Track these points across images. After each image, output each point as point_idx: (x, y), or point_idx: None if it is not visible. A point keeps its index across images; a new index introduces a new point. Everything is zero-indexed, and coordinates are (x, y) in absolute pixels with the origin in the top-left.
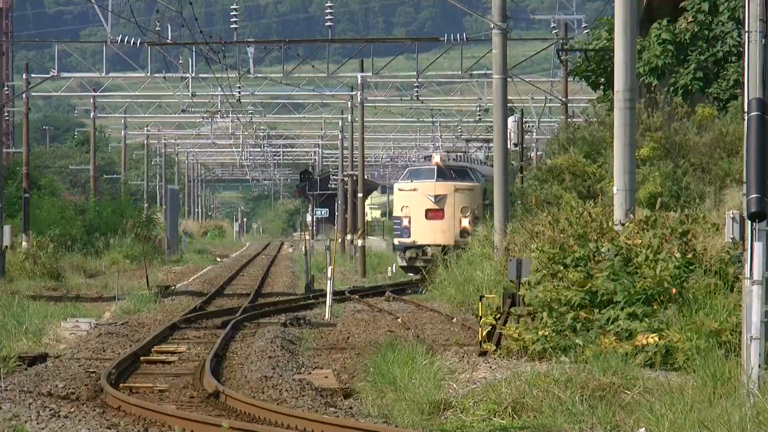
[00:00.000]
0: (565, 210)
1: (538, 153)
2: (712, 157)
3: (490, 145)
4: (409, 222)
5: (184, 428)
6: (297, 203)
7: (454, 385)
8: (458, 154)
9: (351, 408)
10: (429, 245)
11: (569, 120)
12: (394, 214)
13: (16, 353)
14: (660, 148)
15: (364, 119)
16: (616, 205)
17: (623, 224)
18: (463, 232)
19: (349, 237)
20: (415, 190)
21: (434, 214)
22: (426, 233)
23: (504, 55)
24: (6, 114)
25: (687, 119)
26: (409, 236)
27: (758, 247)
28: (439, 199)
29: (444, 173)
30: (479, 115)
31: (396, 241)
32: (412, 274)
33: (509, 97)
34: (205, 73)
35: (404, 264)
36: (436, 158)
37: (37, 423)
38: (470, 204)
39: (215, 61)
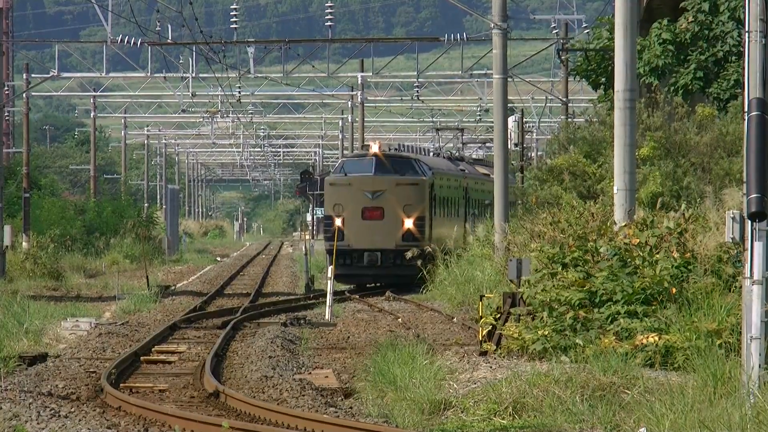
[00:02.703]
0: (565, 210)
1: (539, 153)
2: (713, 157)
3: (489, 145)
4: (343, 222)
5: (184, 428)
6: (297, 203)
7: (455, 385)
8: (402, 143)
9: (351, 408)
10: (366, 250)
11: (569, 120)
12: (324, 213)
13: (17, 353)
14: (660, 148)
15: (365, 119)
16: (616, 205)
17: (623, 225)
18: (407, 235)
19: None
20: (349, 184)
21: (372, 213)
22: (362, 236)
23: (504, 55)
24: (6, 114)
25: (687, 119)
26: (342, 239)
27: (758, 246)
28: (378, 195)
29: (383, 165)
30: (479, 115)
31: (327, 245)
32: (347, 285)
33: (509, 97)
34: (206, 73)
35: (337, 272)
36: (374, 148)
37: (37, 423)
38: (415, 201)
39: (215, 61)
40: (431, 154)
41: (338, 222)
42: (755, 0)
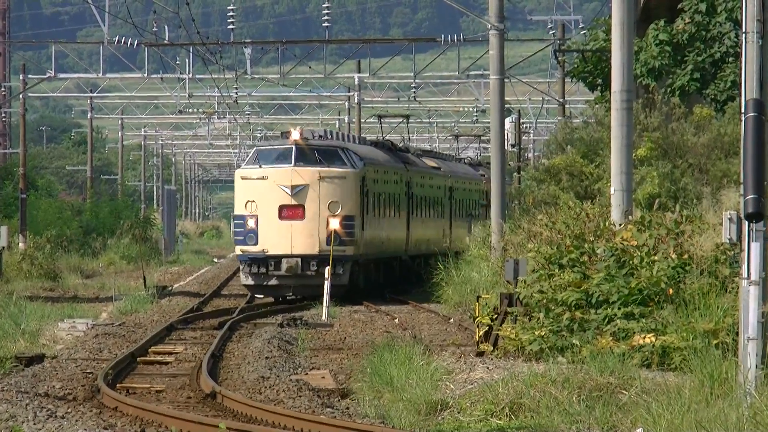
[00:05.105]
0: (562, 210)
1: (535, 154)
2: (710, 158)
3: (485, 146)
4: (256, 223)
5: (181, 429)
6: None
7: (451, 386)
8: (327, 129)
9: (348, 408)
10: (284, 256)
11: (566, 120)
12: (235, 212)
13: (13, 354)
14: (657, 149)
15: (361, 120)
16: (613, 205)
17: (620, 225)
18: (333, 237)
19: None
20: (264, 178)
21: (291, 212)
22: (280, 239)
23: (501, 56)
24: (3, 115)
25: (684, 120)
26: (255, 243)
27: (755, 247)
28: (298, 190)
29: (305, 155)
30: (476, 115)
31: (238, 249)
32: (261, 296)
33: (506, 98)
34: (202, 73)
35: (250, 282)
36: (295, 134)
37: (34, 423)
38: (342, 198)
39: (212, 62)
40: (368, 143)
41: (251, 223)
42: (752, 1)
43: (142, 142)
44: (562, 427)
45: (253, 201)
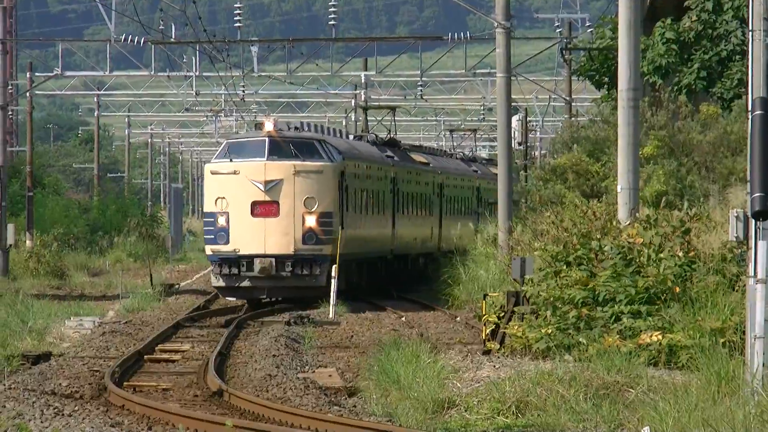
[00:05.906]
0: (568, 209)
1: (542, 152)
2: (716, 156)
3: (492, 144)
4: (227, 221)
5: (188, 427)
6: None
7: (458, 384)
8: (304, 121)
9: (355, 407)
10: (257, 256)
11: (573, 119)
12: (205, 209)
13: (20, 352)
14: (664, 147)
15: (368, 118)
16: (619, 203)
17: (627, 224)
18: (309, 236)
19: None
20: (235, 173)
21: (264, 208)
22: (253, 238)
23: (508, 54)
24: (10, 113)
25: (691, 118)
26: (227, 242)
27: (762, 245)
28: (272, 186)
29: (279, 148)
30: (483, 114)
31: (208, 249)
32: (233, 299)
33: (513, 96)
34: (209, 71)
35: (221, 284)
36: (269, 126)
37: (41, 421)
38: (319, 193)
39: (219, 60)
40: (350, 136)
41: (222, 220)
42: None
43: (149, 140)
44: (569, 426)
45: (224, 197)
